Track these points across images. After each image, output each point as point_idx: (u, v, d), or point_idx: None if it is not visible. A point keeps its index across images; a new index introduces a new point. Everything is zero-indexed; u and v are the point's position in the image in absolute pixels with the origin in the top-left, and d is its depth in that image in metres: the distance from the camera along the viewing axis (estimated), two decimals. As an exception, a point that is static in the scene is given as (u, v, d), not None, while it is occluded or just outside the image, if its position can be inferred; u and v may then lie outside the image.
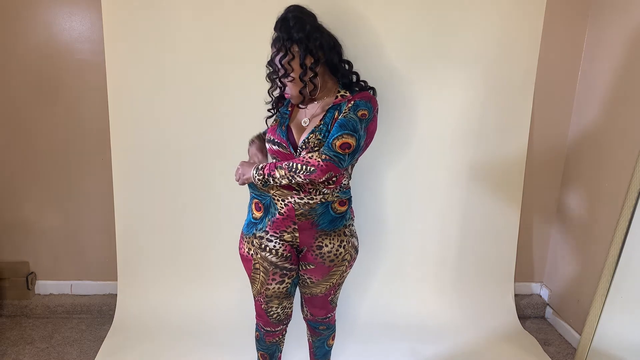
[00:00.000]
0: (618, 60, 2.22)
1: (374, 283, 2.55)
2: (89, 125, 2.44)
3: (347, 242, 1.72)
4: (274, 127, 1.70)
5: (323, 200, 1.64)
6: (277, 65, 1.61)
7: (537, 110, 2.48)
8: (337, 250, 1.70)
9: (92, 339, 2.42)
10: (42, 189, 2.54)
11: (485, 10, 2.24)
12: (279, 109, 1.79)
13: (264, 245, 1.68)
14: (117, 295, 2.52)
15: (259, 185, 1.64)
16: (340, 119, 1.57)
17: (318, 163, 1.52)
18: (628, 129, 2.16)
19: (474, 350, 2.39)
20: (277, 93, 1.77)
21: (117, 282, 2.52)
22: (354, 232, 1.79)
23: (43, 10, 2.30)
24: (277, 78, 1.65)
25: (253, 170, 1.62)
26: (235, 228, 1.96)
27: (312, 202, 1.63)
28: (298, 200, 1.63)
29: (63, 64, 2.36)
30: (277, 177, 1.56)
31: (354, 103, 1.61)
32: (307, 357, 2.07)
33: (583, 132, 2.48)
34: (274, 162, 1.61)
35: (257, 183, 1.62)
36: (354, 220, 1.81)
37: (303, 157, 1.55)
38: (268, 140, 1.70)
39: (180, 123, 2.31)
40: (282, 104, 1.80)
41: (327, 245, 1.68)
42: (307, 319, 1.93)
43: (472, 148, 2.42)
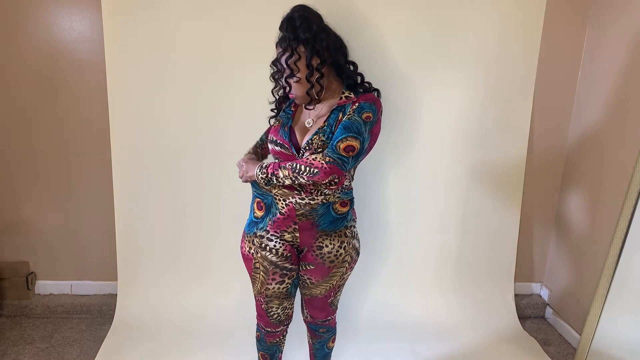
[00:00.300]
0: (618, 61, 2.22)
1: (374, 283, 2.55)
2: (89, 125, 2.44)
3: (347, 243, 1.71)
4: (277, 127, 1.69)
5: (324, 201, 1.64)
6: (282, 65, 1.59)
7: (537, 111, 2.48)
8: (337, 251, 1.69)
9: (92, 339, 2.42)
10: (42, 189, 2.54)
11: (485, 10, 2.24)
12: (282, 110, 1.78)
13: (264, 245, 1.68)
14: (117, 295, 2.52)
15: (262, 184, 1.64)
16: (345, 121, 1.56)
17: (322, 165, 1.52)
18: (628, 129, 2.16)
19: (474, 351, 2.39)
20: (281, 93, 1.77)
21: (117, 282, 2.52)
22: (356, 233, 1.78)
23: (43, 10, 2.30)
24: (282, 78, 1.64)
25: (257, 169, 1.62)
26: (235, 228, 1.96)
27: (313, 202, 1.63)
28: (299, 201, 1.62)
29: (63, 64, 2.36)
30: (280, 176, 1.56)
31: (359, 105, 1.60)
32: (307, 357, 2.07)
33: (583, 132, 2.48)
34: (278, 162, 1.60)
35: (259, 182, 1.62)
36: (356, 222, 1.80)
37: (307, 158, 1.54)
38: (270, 141, 1.70)
39: (180, 123, 2.31)
40: (285, 104, 1.79)
41: (327, 246, 1.68)
42: (307, 321, 1.92)
43: (472, 148, 2.42)
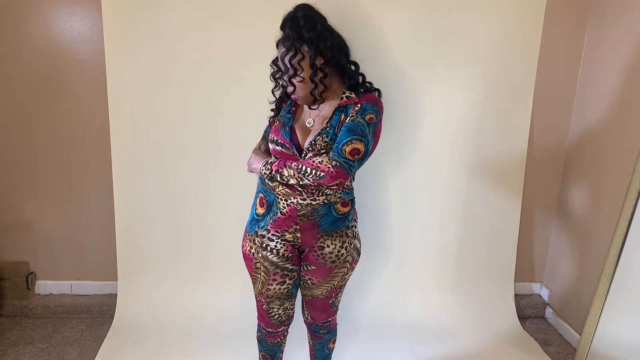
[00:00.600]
0: (618, 61, 2.22)
1: (375, 283, 2.55)
2: (89, 125, 2.44)
3: (349, 243, 1.71)
4: (277, 127, 1.68)
5: (326, 201, 1.64)
6: (286, 65, 1.57)
7: (537, 111, 2.48)
8: (338, 252, 1.69)
9: (92, 339, 2.42)
10: (42, 189, 2.54)
11: (485, 10, 2.24)
12: (282, 109, 1.77)
13: (265, 245, 1.68)
14: (117, 295, 2.52)
15: (265, 179, 1.66)
16: (348, 123, 1.55)
17: (328, 169, 1.51)
18: (628, 129, 2.16)
19: (474, 351, 2.39)
20: (281, 93, 1.76)
21: (117, 282, 2.52)
22: (357, 234, 1.77)
23: (43, 10, 2.30)
24: (282, 78, 1.63)
25: (261, 164, 1.63)
26: (236, 228, 1.96)
27: (314, 202, 1.63)
28: (301, 201, 1.62)
29: (63, 64, 2.36)
30: (285, 175, 1.57)
31: (361, 106, 1.59)
32: (308, 357, 2.07)
33: (583, 132, 2.48)
34: (284, 160, 1.60)
35: (262, 176, 1.64)
36: (357, 222, 1.80)
37: (313, 161, 1.54)
38: (271, 141, 1.69)
39: (180, 123, 2.31)
40: (285, 104, 1.78)
41: (328, 246, 1.68)
42: (307, 322, 1.91)
43: (472, 149, 2.42)
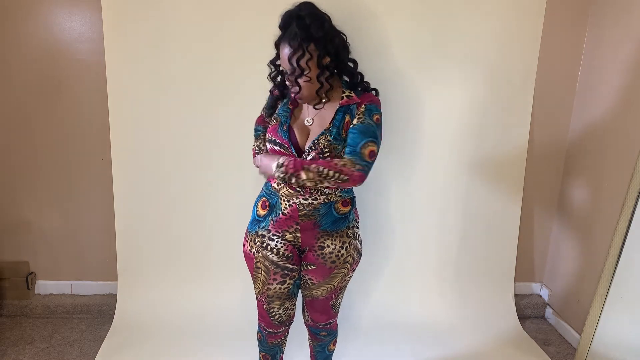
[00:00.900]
0: (618, 60, 2.22)
1: (375, 283, 2.55)
2: (89, 126, 2.44)
3: (349, 244, 1.70)
4: (275, 126, 1.65)
5: (326, 201, 1.64)
6: (293, 66, 1.52)
7: (537, 111, 2.48)
8: (338, 252, 1.68)
9: (92, 339, 2.42)
10: (42, 189, 2.54)
11: (485, 11, 2.24)
12: (277, 108, 1.74)
13: (266, 244, 1.67)
14: (117, 295, 2.52)
15: (278, 181, 1.61)
16: (359, 125, 1.55)
17: (352, 173, 1.49)
18: (628, 129, 2.16)
19: (474, 351, 2.39)
20: (276, 92, 1.75)
21: (117, 282, 2.52)
22: (358, 234, 1.76)
23: (43, 10, 2.30)
24: (288, 78, 1.59)
25: (274, 166, 1.54)
26: (236, 228, 1.96)
27: (316, 202, 1.63)
28: (302, 201, 1.62)
29: (63, 64, 2.36)
30: (302, 178, 1.49)
31: (366, 107, 1.59)
32: (308, 358, 2.07)
33: (583, 132, 2.48)
34: (301, 160, 1.54)
35: (276, 179, 1.57)
36: (359, 223, 1.79)
37: (336, 163, 1.50)
38: (269, 140, 1.66)
39: (180, 123, 2.31)
40: (280, 103, 1.75)
41: (328, 246, 1.67)
42: (308, 325, 1.91)
43: (472, 149, 2.42)
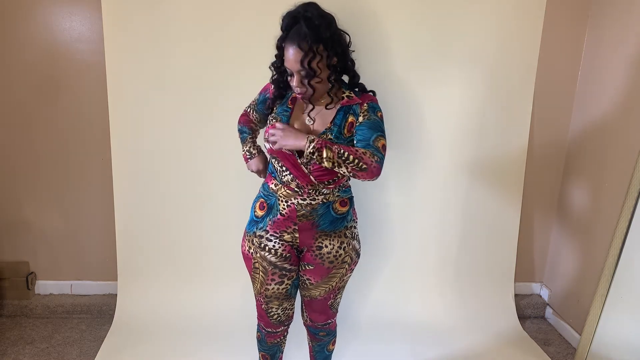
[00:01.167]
0: (618, 60, 2.22)
1: (374, 283, 2.55)
2: (89, 125, 2.44)
3: (347, 244, 1.70)
4: (274, 126, 1.61)
5: (324, 200, 1.64)
6: (306, 68, 1.49)
7: (537, 111, 2.48)
8: (336, 252, 1.68)
9: (92, 339, 2.42)
10: (42, 189, 2.54)
11: (485, 10, 2.24)
12: (275, 108, 1.71)
13: (264, 245, 1.67)
14: (117, 295, 2.52)
15: (307, 157, 1.50)
16: (367, 122, 1.56)
17: (371, 163, 1.47)
18: (628, 129, 2.16)
19: (474, 351, 2.39)
20: (275, 93, 1.74)
21: (117, 282, 2.52)
22: (356, 234, 1.76)
23: (43, 10, 2.30)
24: (305, 79, 1.54)
25: (305, 141, 1.48)
26: (236, 228, 1.96)
27: (314, 202, 1.62)
28: (301, 202, 1.62)
29: (63, 64, 2.36)
30: (323, 156, 1.47)
31: (369, 105, 1.61)
32: (307, 357, 2.07)
33: (583, 132, 2.48)
34: (324, 140, 1.51)
35: (306, 154, 1.49)
36: (357, 223, 1.79)
37: (357, 149, 1.48)
38: (267, 140, 1.64)
39: (180, 123, 2.31)
40: (278, 103, 1.71)
41: (326, 246, 1.67)
42: (307, 325, 1.90)
43: (472, 148, 2.42)
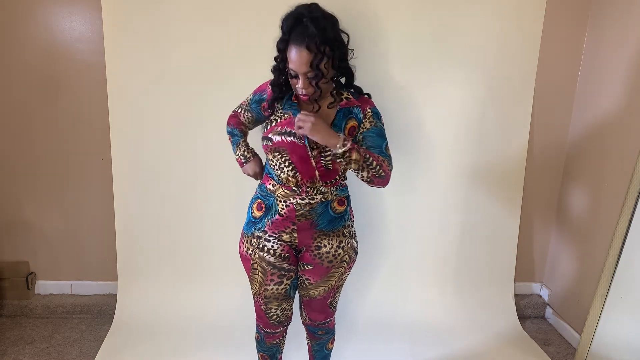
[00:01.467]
0: (618, 60, 2.22)
1: (374, 283, 2.55)
2: (89, 125, 2.44)
3: (345, 243, 1.71)
4: (289, 120, 1.59)
5: (323, 200, 1.64)
6: (317, 70, 1.47)
7: (537, 111, 2.48)
8: (335, 251, 1.69)
9: (92, 339, 2.42)
10: (42, 189, 2.54)
11: (486, 11, 2.24)
12: (276, 106, 1.67)
13: (262, 245, 1.67)
14: (117, 295, 2.52)
15: (339, 156, 1.49)
16: (374, 129, 1.61)
17: (388, 172, 1.57)
18: (628, 130, 2.16)
19: (474, 351, 2.39)
20: (275, 94, 1.73)
21: (117, 282, 2.52)
22: (354, 233, 1.77)
23: (43, 10, 2.30)
24: (315, 81, 1.52)
25: (340, 140, 1.47)
26: (235, 228, 1.96)
27: (312, 202, 1.62)
28: (299, 201, 1.62)
29: (63, 64, 2.36)
30: (353, 157, 1.48)
31: (373, 111, 1.63)
32: (306, 358, 2.07)
33: (583, 132, 2.48)
34: (353, 142, 1.50)
35: (337, 153, 1.48)
36: (354, 222, 1.80)
37: (378, 157, 1.55)
38: (282, 133, 1.58)
39: (181, 123, 2.31)
40: (279, 104, 1.67)
41: (325, 246, 1.67)
42: (306, 324, 1.91)
43: (472, 148, 2.42)
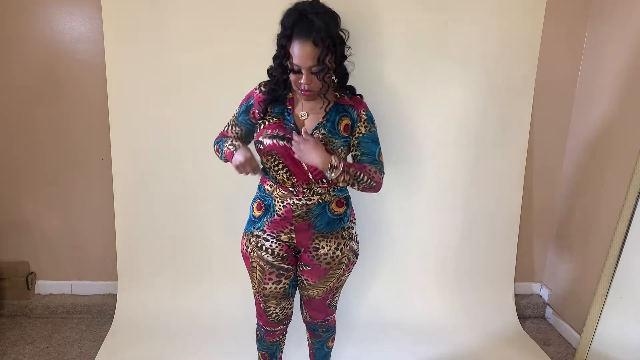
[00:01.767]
0: (618, 60, 2.22)
1: (374, 283, 2.55)
2: (89, 126, 2.44)
3: (344, 245, 1.70)
4: (279, 124, 1.59)
5: (320, 201, 1.63)
6: (321, 64, 1.48)
7: (537, 111, 2.48)
8: (333, 253, 1.68)
9: (92, 339, 2.42)
10: (42, 189, 2.54)
11: (486, 10, 2.24)
12: (270, 109, 1.65)
13: (261, 244, 1.68)
14: (117, 295, 2.52)
15: (331, 178, 1.53)
16: (369, 134, 1.63)
17: (380, 180, 1.61)
18: (628, 129, 2.16)
19: (474, 351, 2.39)
20: (270, 95, 1.71)
21: (117, 282, 2.52)
22: (354, 235, 1.75)
23: (43, 11, 2.30)
24: (321, 75, 1.53)
25: (333, 160, 1.51)
26: (235, 228, 1.96)
27: (309, 203, 1.62)
28: (296, 202, 1.62)
29: (63, 64, 2.36)
30: (340, 180, 1.53)
31: (367, 115, 1.64)
32: (307, 356, 2.07)
33: (583, 132, 2.48)
34: (345, 163, 1.54)
35: (329, 174, 1.52)
36: (355, 224, 1.78)
37: (369, 169, 1.58)
38: (274, 136, 1.58)
39: (180, 123, 2.31)
40: (272, 106, 1.64)
41: (323, 247, 1.67)
42: (306, 321, 1.91)
43: (472, 148, 2.41)
